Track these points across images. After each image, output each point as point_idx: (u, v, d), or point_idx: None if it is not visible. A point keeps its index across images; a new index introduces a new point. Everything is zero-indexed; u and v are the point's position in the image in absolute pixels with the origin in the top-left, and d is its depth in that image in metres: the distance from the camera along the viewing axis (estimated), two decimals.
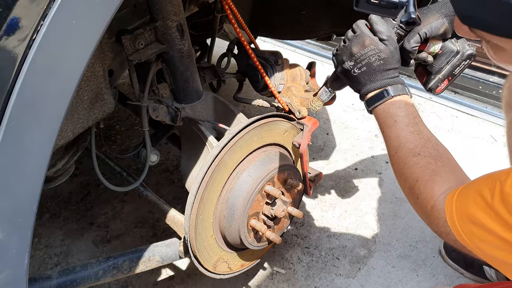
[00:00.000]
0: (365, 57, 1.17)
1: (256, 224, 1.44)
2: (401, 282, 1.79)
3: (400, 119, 1.12)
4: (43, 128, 0.78)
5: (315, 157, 2.42)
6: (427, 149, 1.05)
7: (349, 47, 1.20)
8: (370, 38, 1.16)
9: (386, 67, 1.16)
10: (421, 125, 1.11)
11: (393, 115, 1.13)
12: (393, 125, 1.12)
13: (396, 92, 1.15)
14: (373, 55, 1.16)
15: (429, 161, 1.03)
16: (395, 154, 1.11)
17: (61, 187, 2.18)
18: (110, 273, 1.39)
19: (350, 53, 1.19)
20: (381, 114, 1.17)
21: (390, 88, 1.16)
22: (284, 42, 3.35)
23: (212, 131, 1.53)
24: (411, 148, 1.07)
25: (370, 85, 1.19)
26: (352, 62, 1.19)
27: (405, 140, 1.09)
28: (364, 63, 1.17)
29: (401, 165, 1.09)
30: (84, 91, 1.19)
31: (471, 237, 0.88)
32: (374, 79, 1.18)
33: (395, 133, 1.11)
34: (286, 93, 1.64)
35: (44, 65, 0.73)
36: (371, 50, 1.16)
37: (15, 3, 0.69)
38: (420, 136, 1.08)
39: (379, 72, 1.17)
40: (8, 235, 0.79)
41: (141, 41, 1.31)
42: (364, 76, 1.19)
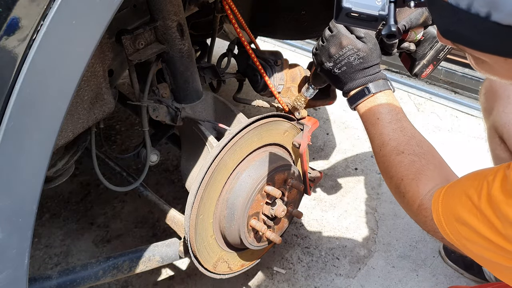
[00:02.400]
0: (343, 58, 1.16)
1: (256, 224, 1.44)
2: (401, 282, 1.79)
3: (382, 116, 1.11)
4: (43, 128, 0.78)
5: (315, 157, 2.42)
6: (410, 146, 1.05)
7: (327, 48, 1.19)
8: (347, 38, 1.15)
9: (366, 65, 1.15)
10: (405, 121, 1.11)
11: (376, 112, 1.13)
12: (376, 123, 1.12)
13: (377, 89, 1.15)
14: (352, 55, 1.15)
15: (413, 159, 1.03)
16: (379, 152, 1.11)
17: (61, 187, 2.18)
18: (110, 273, 1.39)
19: (328, 54, 1.18)
20: (364, 112, 1.16)
21: (371, 85, 1.15)
22: (284, 42, 3.34)
23: (212, 131, 1.53)
24: (395, 146, 1.07)
25: (351, 84, 1.18)
26: (331, 63, 1.19)
27: (389, 138, 1.08)
28: (343, 63, 1.17)
29: (386, 163, 1.09)
30: (84, 91, 1.19)
31: (458, 237, 0.88)
32: (354, 77, 1.17)
33: (378, 131, 1.11)
34: (286, 93, 1.64)
35: (44, 65, 0.73)
36: (349, 50, 1.15)
37: (15, 3, 0.69)
38: (404, 133, 1.07)
39: (359, 71, 1.16)
40: (8, 235, 0.79)
41: (141, 41, 1.31)
42: (345, 75, 1.18)
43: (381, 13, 0.83)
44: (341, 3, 0.84)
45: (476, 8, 0.62)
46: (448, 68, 2.75)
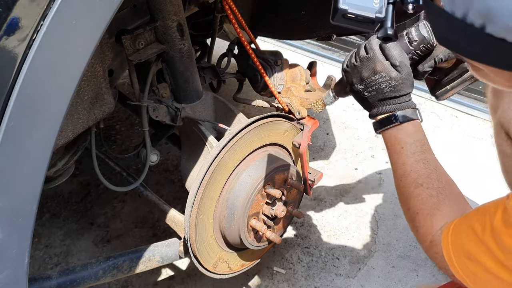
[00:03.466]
0: (375, 83, 1.14)
1: (256, 224, 1.44)
2: (401, 282, 1.79)
3: (407, 146, 1.10)
4: (43, 128, 0.78)
5: (315, 157, 2.41)
6: (430, 180, 1.04)
7: (359, 70, 1.16)
8: (382, 64, 1.12)
9: (397, 93, 1.13)
10: (428, 153, 1.10)
11: (401, 141, 1.12)
12: (400, 152, 1.11)
13: (405, 118, 1.13)
14: (384, 82, 1.13)
15: (431, 193, 1.03)
16: (400, 182, 1.11)
17: (61, 187, 2.18)
18: (110, 273, 1.39)
19: (360, 77, 1.16)
20: (389, 139, 1.15)
21: (400, 113, 1.13)
22: (284, 42, 3.34)
23: (212, 131, 1.53)
24: (415, 178, 1.06)
25: (379, 109, 1.16)
26: (362, 86, 1.17)
27: (410, 169, 1.08)
28: (374, 88, 1.15)
29: (405, 194, 1.09)
30: (84, 91, 1.19)
31: (467, 273, 0.89)
32: (383, 103, 1.15)
33: (401, 160, 1.10)
34: (286, 93, 1.64)
35: (44, 65, 0.73)
36: (381, 77, 1.13)
37: (15, 3, 0.69)
38: (426, 165, 1.07)
39: (389, 98, 1.14)
40: (8, 235, 0.79)
41: (141, 41, 1.31)
42: (374, 100, 1.17)
43: (378, 16, 0.82)
44: (337, 4, 0.83)
45: (471, 18, 0.61)
46: None
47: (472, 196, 2.07)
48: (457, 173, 2.22)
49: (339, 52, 3.23)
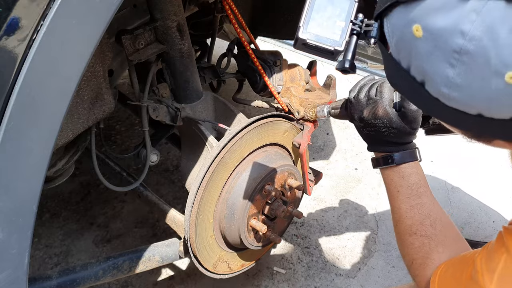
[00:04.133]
0: (375, 126, 1.13)
1: (256, 224, 1.44)
2: (401, 282, 1.79)
3: (402, 190, 1.10)
4: (43, 128, 0.78)
5: (315, 157, 2.41)
6: (423, 226, 1.05)
7: (362, 108, 1.15)
8: (385, 111, 1.10)
9: (396, 140, 1.12)
10: (424, 197, 1.09)
11: (396, 185, 1.11)
12: (396, 196, 1.11)
13: (401, 160, 1.11)
14: (384, 127, 1.11)
15: (423, 242, 1.04)
16: (396, 227, 1.12)
17: (61, 187, 2.18)
18: (110, 273, 1.39)
19: (361, 116, 1.15)
20: (386, 179, 1.15)
21: (396, 155, 1.11)
22: (284, 42, 3.34)
23: (212, 131, 1.53)
24: (409, 225, 1.07)
25: (376, 147, 1.16)
26: (362, 123, 1.16)
27: (405, 215, 1.08)
28: (373, 129, 1.14)
29: (400, 241, 1.10)
30: (84, 91, 1.19)
31: None
32: (381, 143, 1.14)
33: (397, 205, 1.11)
34: (285, 93, 1.64)
35: (44, 65, 0.73)
36: (382, 124, 1.11)
37: (15, 3, 0.69)
38: (420, 211, 1.07)
39: (385, 140, 1.13)
40: (8, 235, 0.79)
41: (141, 41, 1.31)
42: (372, 138, 1.16)
43: (337, 49, 0.80)
44: (297, 33, 0.80)
45: (414, 73, 0.62)
46: None
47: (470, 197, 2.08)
48: (457, 172, 2.23)
49: None
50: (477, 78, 0.55)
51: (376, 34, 0.70)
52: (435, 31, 0.56)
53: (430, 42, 0.57)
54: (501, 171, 2.17)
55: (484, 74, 0.54)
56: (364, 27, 0.74)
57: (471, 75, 0.55)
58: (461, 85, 0.57)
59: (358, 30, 0.76)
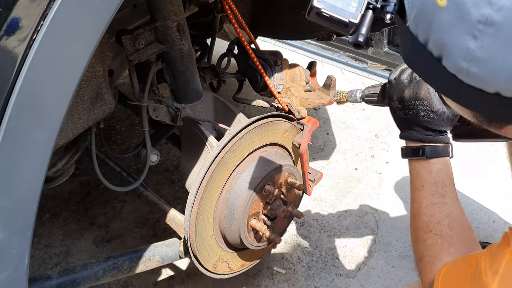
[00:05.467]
0: (414, 108, 1.10)
1: (256, 224, 1.44)
2: (401, 282, 1.79)
3: (427, 186, 1.07)
4: (43, 128, 0.78)
5: (315, 157, 2.41)
6: (440, 226, 1.03)
7: (404, 88, 1.12)
8: (427, 92, 1.07)
9: (433, 126, 1.09)
10: (448, 197, 1.06)
11: (422, 179, 1.09)
12: (419, 189, 1.09)
13: (433, 154, 1.08)
14: (423, 111, 1.08)
15: (436, 240, 1.02)
16: (413, 221, 1.09)
17: (61, 187, 2.18)
18: (110, 273, 1.39)
19: (402, 96, 1.12)
20: (412, 171, 1.12)
21: (428, 148, 1.08)
22: (284, 42, 3.35)
23: (212, 131, 1.53)
24: (426, 222, 1.05)
25: (409, 133, 1.12)
26: (400, 105, 1.13)
27: (424, 211, 1.06)
28: (411, 112, 1.10)
29: (414, 236, 1.08)
30: (84, 91, 1.19)
31: None
32: (415, 130, 1.11)
33: (418, 199, 1.08)
34: (286, 93, 1.64)
35: (44, 65, 0.74)
36: (422, 105, 1.08)
37: (15, 3, 0.69)
38: (440, 210, 1.04)
39: (422, 127, 1.10)
40: (8, 235, 0.79)
41: (141, 41, 1.31)
42: (407, 122, 1.12)
43: (352, 21, 0.79)
44: (312, 1, 0.80)
45: (431, 47, 0.61)
46: None
47: (469, 197, 2.08)
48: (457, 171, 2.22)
49: (339, 52, 3.23)
50: (500, 52, 0.53)
51: (394, 9, 0.69)
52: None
53: (453, 12, 0.55)
54: (501, 171, 2.17)
55: (509, 48, 0.52)
56: (381, 1, 0.73)
57: (494, 49, 0.53)
58: (482, 59, 0.54)
59: (374, 4, 0.74)
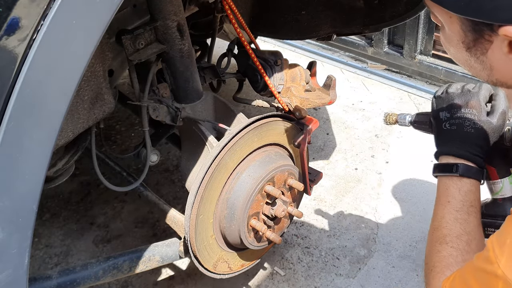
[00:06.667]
0: (460, 117, 1.10)
1: (256, 224, 1.44)
2: (401, 282, 1.79)
3: (454, 202, 1.06)
4: (43, 128, 0.78)
5: (315, 157, 2.41)
6: (458, 240, 1.01)
7: (453, 97, 1.13)
8: (478, 103, 1.08)
9: (474, 139, 1.08)
10: (473, 217, 1.04)
11: (450, 195, 1.07)
12: (444, 205, 1.07)
13: (465, 173, 1.06)
14: (469, 120, 1.09)
15: (451, 253, 1.00)
16: (431, 234, 1.07)
17: (61, 187, 2.18)
18: (110, 273, 1.39)
19: (451, 104, 1.12)
20: (441, 187, 1.10)
21: (462, 165, 1.07)
22: (284, 42, 3.34)
23: (212, 131, 1.53)
24: (444, 234, 1.03)
25: (447, 147, 1.11)
26: (448, 114, 1.13)
27: (445, 224, 1.04)
28: (456, 122, 1.11)
29: (429, 247, 1.07)
30: (84, 91, 1.19)
31: None
32: (454, 145, 1.10)
33: (441, 213, 1.07)
34: (286, 93, 1.64)
35: (45, 65, 0.73)
36: (470, 114, 1.09)
37: (15, 3, 0.69)
38: (463, 227, 1.02)
39: (462, 141, 1.09)
40: (8, 235, 0.79)
41: (141, 41, 1.31)
42: (449, 136, 1.12)
43: None
44: None
45: None
46: (448, 68, 2.74)
47: None
48: None
49: (339, 52, 3.23)
50: None
51: None
52: None
53: None
54: None
55: None
56: None
57: None
58: None
59: None
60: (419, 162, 2.22)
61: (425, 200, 2.09)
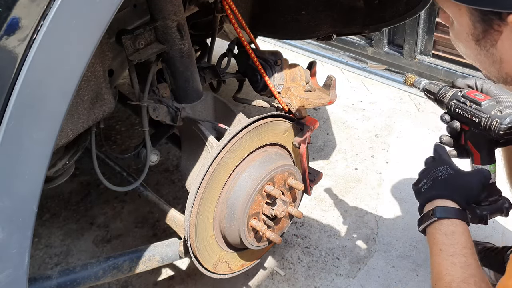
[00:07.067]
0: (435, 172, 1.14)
1: (256, 224, 1.44)
2: (401, 282, 1.79)
3: (445, 248, 1.03)
4: (43, 128, 0.78)
5: (315, 157, 2.42)
6: (466, 285, 0.97)
7: (424, 169, 1.20)
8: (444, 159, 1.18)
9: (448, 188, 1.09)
10: (470, 258, 1.00)
11: (438, 242, 1.04)
12: (437, 254, 1.04)
13: (443, 214, 1.04)
14: (442, 171, 1.12)
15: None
16: (435, 285, 1.04)
17: (61, 187, 2.18)
18: (110, 273, 1.39)
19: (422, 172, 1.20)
20: (429, 238, 1.08)
21: (437, 208, 1.06)
22: (284, 42, 3.35)
23: (212, 131, 1.53)
24: (449, 281, 0.99)
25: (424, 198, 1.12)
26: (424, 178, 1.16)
27: (445, 272, 1.00)
28: (431, 178, 1.13)
29: None
30: (84, 91, 1.19)
31: None
32: (429, 192, 1.11)
33: (437, 263, 1.03)
34: (286, 93, 1.64)
35: (44, 65, 0.73)
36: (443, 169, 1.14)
37: (15, 3, 0.69)
38: (464, 270, 0.98)
39: (438, 187, 1.11)
40: (8, 235, 0.79)
41: (141, 41, 1.32)
42: (426, 191, 1.14)
43: None
44: None
45: None
46: (448, 68, 2.75)
47: None
48: None
49: (339, 52, 3.23)
50: None
51: None
52: None
53: None
54: (501, 172, 2.17)
55: None
56: None
57: None
58: None
59: None
60: (419, 162, 2.21)
61: None
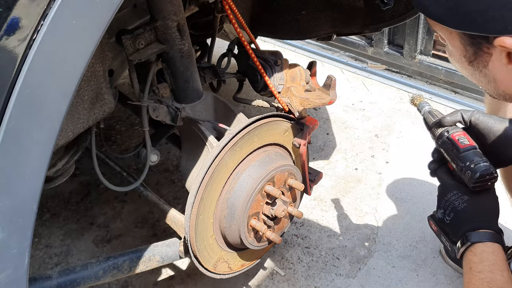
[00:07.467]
0: (449, 203, 1.14)
1: (256, 224, 1.44)
2: (401, 282, 1.79)
3: (474, 266, 1.07)
4: (43, 128, 0.78)
5: (315, 157, 2.41)
6: None
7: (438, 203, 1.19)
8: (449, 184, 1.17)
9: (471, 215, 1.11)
10: (498, 274, 1.04)
11: (469, 261, 1.08)
12: (467, 272, 1.08)
13: (476, 239, 1.08)
14: (456, 200, 1.13)
15: None
16: None
17: (61, 187, 2.18)
18: (110, 273, 1.39)
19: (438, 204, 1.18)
20: (464, 261, 1.11)
21: (470, 234, 1.09)
22: (284, 42, 3.34)
23: (212, 131, 1.53)
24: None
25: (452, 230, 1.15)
26: (441, 210, 1.17)
27: (474, 287, 1.04)
28: (450, 209, 1.14)
29: None
30: (84, 91, 1.19)
31: None
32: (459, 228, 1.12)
33: (467, 279, 1.08)
34: (286, 93, 1.64)
35: (44, 65, 0.73)
36: (453, 195, 1.14)
37: (15, 3, 0.69)
38: (492, 284, 1.02)
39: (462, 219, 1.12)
40: (8, 235, 0.79)
41: (141, 41, 1.32)
42: (453, 226, 1.15)
43: None
44: None
45: None
46: (448, 68, 2.74)
47: None
48: None
49: (339, 52, 3.23)
50: None
51: None
52: None
53: None
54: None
55: None
56: None
57: None
58: None
59: None
60: (419, 162, 2.22)
61: (425, 200, 2.09)
